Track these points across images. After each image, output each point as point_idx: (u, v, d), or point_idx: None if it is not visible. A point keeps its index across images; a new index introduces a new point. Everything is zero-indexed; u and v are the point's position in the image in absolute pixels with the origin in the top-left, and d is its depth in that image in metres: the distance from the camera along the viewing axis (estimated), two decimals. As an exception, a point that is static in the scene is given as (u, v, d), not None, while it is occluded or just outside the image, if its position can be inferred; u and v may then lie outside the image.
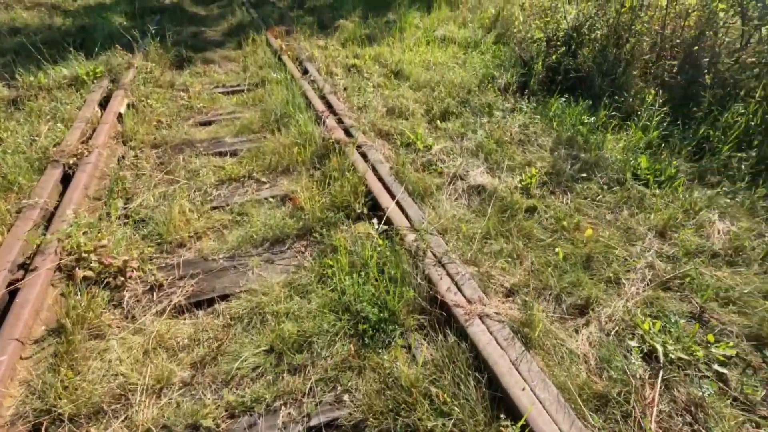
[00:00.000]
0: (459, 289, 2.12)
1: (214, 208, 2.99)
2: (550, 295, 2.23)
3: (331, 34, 6.84)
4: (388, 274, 2.23)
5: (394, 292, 2.11)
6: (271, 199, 3.08)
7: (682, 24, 4.29)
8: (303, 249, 2.62)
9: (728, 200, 2.78)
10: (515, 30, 5.48)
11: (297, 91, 4.37)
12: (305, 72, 5.15)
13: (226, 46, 6.56)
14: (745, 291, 2.14)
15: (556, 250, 2.46)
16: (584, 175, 3.10)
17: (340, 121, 3.90)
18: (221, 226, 2.83)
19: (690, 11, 4.23)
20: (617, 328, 2.02)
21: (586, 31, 4.60)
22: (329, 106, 4.24)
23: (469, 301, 2.05)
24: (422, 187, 2.99)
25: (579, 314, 2.14)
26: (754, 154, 3.12)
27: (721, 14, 3.98)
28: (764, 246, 2.44)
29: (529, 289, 2.24)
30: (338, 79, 5.03)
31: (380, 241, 2.46)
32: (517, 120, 3.86)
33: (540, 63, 4.58)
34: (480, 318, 1.95)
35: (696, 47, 3.93)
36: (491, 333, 1.89)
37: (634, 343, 1.93)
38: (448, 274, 2.21)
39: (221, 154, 3.66)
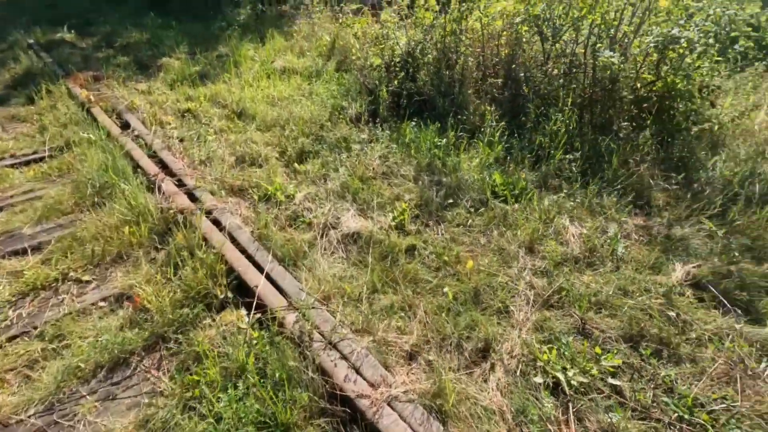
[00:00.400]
0: (359, 372, 1.85)
1: (13, 338, 2.19)
2: (450, 345, 2.11)
3: (155, 75, 6.00)
4: (273, 377, 1.85)
5: (284, 400, 1.74)
6: (101, 304, 2.40)
7: (496, 44, 4.78)
8: (155, 366, 2.05)
9: (572, 203, 3.08)
10: (354, 57, 5.50)
11: (118, 153, 3.61)
12: (126, 126, 4.34)
13: (11, 103, 5.22)
14: (610, 293, 2.33)
15: (445, 290, 2.38)
16: (451, 201, 3.13)
17: (180, 183, 3.31)
18: (28, 363, 2.07)
19: (501, 32, 4.74)
20: (520, 365, 1.99)
21: (419, 55, 4.81)
22: (164, 165, 3.59)
23: (372, 386, 1.79)
24: (293, 249, 2.65)
25: (482, 358, 2.06)
26: (578, 155, 3.55)
27: (525, 34, 4.54)
28: (609, 241, 2.73)
29: (429, 346, 2.08)
30: (171, 129, 4.36)
31: (255, 334, 2.05)
32: (376, 151, 3.79)
33: (384, 90, 4.63)
34: (389, 405, 1.71)
35: (513, 65, 4.39)
36: (404, 419, 1.66)
37: (539, 380, 1.91)
38: (343, 357, 1.92)
39: (17, 254, 2.77)
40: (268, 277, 2.36)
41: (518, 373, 1.96)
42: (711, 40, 3.37)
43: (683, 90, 3.67)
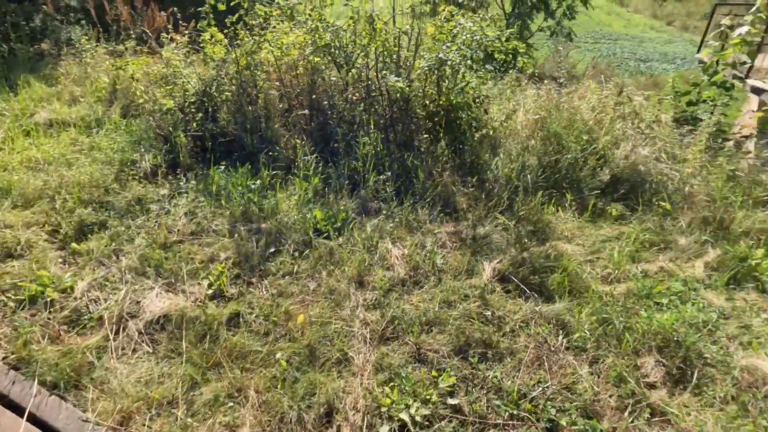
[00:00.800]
0: None
1: None
2: (290, 421, 1.88)
3: None
4: None
5: None
6: None
7: (294, 74, 4.74)
8: None
9: (392, 224, 3.18)
10: (141, 101, 4.81)
11: None
12: None
13: None
14: (436, 309, 2.43)
15: (277, 356, 2.14)
16: (273, 249, 2.91)
17: None
18: None
19: (297, 63, 4.72)
20: (366, 417, 1.88)
21: (215, 93, 4.46)
22: None
23: None
24: (72, 366, 2.05)
25: (327, 424, 1.89)
26: (390, 174, 3.72)
27: (321, 63, 4.60)
28: (428, 254, 2.87)
29: (265, 433, 1.82)
30: None
31: None
32: (181, 207, 3.32)
33: (181, 134, 4.14)
34: None
35: (314, 94, 4.40)
36: None
37: (385, 429, 1.83)
38: (152, 496, 1.51)
39: None
40: (33, 419, 1.76)
41: (365, 429, 1.84)
42: (469, 62, 3.90)
43: (461, 103, 4.19)
